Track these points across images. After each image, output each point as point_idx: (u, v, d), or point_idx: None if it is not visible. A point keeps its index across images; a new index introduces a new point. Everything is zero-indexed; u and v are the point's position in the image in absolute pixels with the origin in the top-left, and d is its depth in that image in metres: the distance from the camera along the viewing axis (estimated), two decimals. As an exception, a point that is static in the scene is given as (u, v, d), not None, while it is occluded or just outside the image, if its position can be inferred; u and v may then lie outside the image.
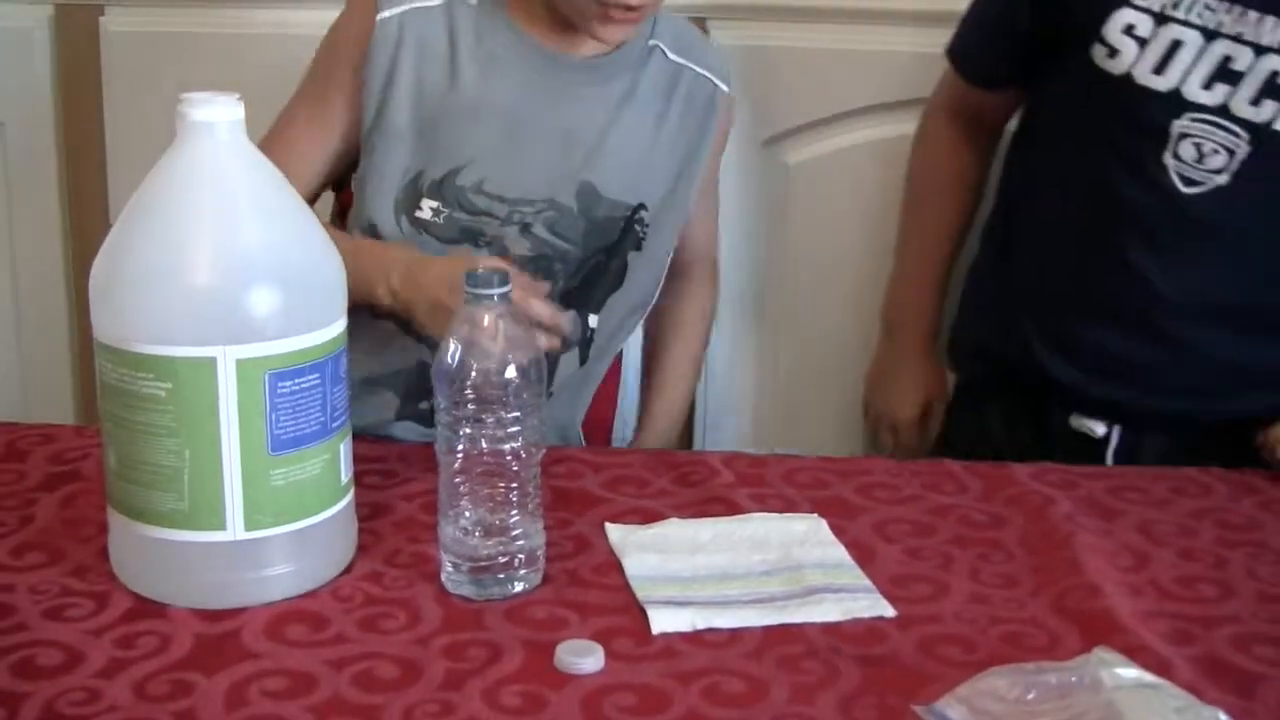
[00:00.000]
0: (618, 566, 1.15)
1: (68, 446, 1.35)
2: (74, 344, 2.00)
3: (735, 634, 1.05)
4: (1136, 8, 1.39)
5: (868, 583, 1.13)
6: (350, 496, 1.14)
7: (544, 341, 1.18)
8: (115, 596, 1.09)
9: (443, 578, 1.11)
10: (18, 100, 1.92)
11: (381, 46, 1.38)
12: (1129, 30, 1.39)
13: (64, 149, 1.95)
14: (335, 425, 1.10)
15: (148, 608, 1.07)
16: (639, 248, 1.44)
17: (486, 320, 1.07)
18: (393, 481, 1.29)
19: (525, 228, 1.40)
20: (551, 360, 1.42)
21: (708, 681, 0.99)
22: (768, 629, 1.05)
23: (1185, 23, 1.37)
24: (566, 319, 1.23)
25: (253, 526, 1.06)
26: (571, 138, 1.40)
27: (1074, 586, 1.12)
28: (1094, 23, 1.41)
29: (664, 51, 1.44)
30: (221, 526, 1.06)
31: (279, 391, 1.05)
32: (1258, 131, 1.36)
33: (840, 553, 1.18)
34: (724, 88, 1.49)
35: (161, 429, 1.04)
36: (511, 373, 1.07)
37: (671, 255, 1.52)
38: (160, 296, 1.04)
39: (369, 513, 1.22)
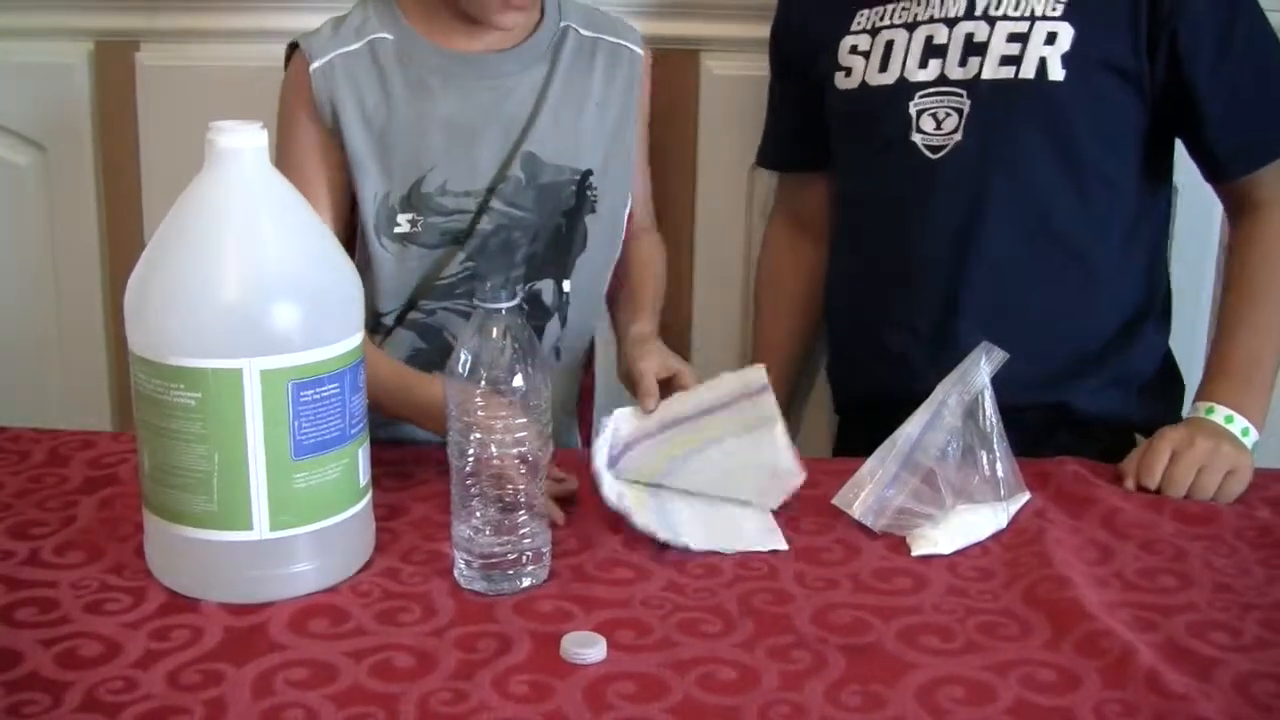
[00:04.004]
0: (620, 563, 1.14)
1: (106, 452, 1.35)
2: (111, 356, 1.98)
3: (729, 625, 1.04)
4: (854, 32, 1.51)
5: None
6: (369, 498, 1.13)
7: None
8: (151, 592, 1.08)
9: (455, 574, 1.10)
10: (59, 128, 1.90)
11: (322, 93, 1.38)
12: (854, 50, 1.51)
13: (102, 174, 1.93)
14: (354, 431, 1.09)
15: (180, 602, 1.07)
16: (594, 211, 1.46)
17: (495, 332, 1.06)
18: (409, 484, 1.28)
19: (488, 207, 1.41)
20: (538, 328, 1.42)
21: (703, 670, 0.98)
22: (759, 621, 1.04)
23: (891, 26, 1.49)
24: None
25: (277, 527, 1.06)
26: (511, 120, 1.42)
27: (1044, 579, 1.10)
28: (831, 56, 1.53)
29: (576, 30, 1.46)
30: (248, 527, 1.05)
31: (301, 400, 1.04)
32: (971, 86, 1.44)
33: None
34: (637, 50, 1.49)
35: (192, 435, 1.03)
36: (519, 381, 1.06)
37: (629, 209, 1.52)
38: (191, 312, 1.03)
39: (386, 513, 1.21)
